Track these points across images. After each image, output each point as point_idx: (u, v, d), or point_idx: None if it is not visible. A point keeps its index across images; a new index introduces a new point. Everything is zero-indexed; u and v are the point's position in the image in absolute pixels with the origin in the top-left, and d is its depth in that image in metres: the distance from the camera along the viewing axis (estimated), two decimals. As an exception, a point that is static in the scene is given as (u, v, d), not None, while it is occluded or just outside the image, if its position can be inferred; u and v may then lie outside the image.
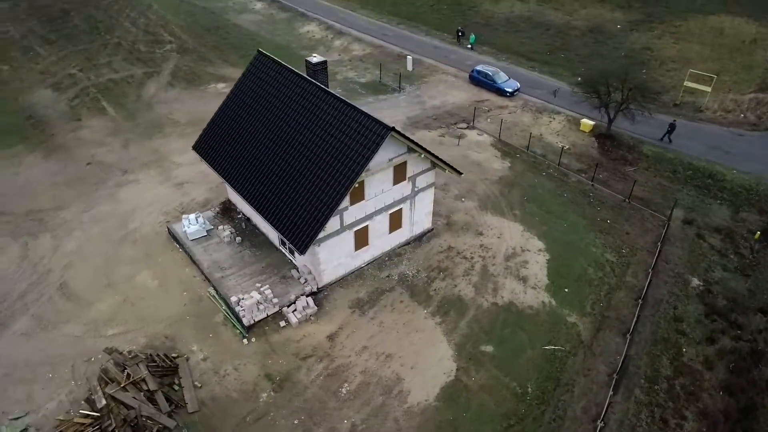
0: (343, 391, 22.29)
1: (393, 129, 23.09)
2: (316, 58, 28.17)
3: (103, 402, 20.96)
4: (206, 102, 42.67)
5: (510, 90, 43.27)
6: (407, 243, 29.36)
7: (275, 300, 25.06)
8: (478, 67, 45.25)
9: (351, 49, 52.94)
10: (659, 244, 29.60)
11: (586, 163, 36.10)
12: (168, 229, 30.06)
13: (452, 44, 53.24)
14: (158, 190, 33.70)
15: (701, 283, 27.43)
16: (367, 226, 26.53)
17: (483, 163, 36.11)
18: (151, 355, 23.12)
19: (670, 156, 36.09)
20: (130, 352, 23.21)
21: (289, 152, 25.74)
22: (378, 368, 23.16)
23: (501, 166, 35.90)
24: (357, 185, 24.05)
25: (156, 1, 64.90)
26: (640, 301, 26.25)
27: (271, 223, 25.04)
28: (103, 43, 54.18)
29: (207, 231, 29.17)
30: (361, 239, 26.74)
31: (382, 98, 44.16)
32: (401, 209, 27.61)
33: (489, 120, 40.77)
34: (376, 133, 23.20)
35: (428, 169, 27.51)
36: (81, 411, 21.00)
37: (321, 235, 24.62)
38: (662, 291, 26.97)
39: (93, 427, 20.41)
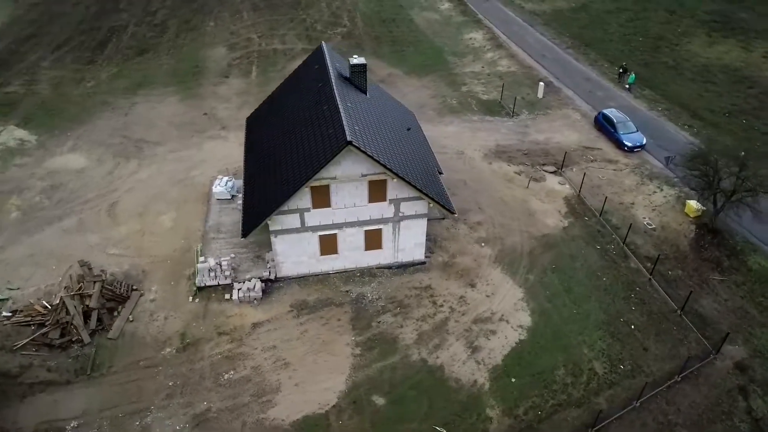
0: (225, 376, 22.88)
1: (350, 143, 22.21)
2: (355, 60, 28.26)
3: (56, 302, 25.18)
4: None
5: (630, 145, 36.69)
6: (389, 267, 27.93)
7: (227, 273, 26.52)
8: (606, 111, 39.19)
9: (498, 63, 50.30)
10: (676, 377, 22.87)
11: (664, 251, 29.11)
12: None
13: (611, 80, 46.74)
14: (233, 149, 37.50)
15: (693, 447, 20.60)
16: (335, 235, 26.08)
17: (537, 214, 31.78)
18: (115, 280, 26.74)
19: (783, 279, 26.99)
20: (103, 271, 27.17)
21: (284, 140, 26.58)
22: (269, 371, 23.10)
23: (555, 223, 31.16)
24: (310, 189, 23.82)
25: (360, -12, 70.19)
26: (590, 430, 20.93)
27: (243, 200, 26.39)
28: (292, 17, 60.93)
29: (231, 195, 31.82)
30: (329, 246, 26.42)
31: (488, 119, 41.44)
32: (381, 230, 26.38)
33: (583, 171, 35.31)
34: (337, 142, 22.59)
35: (417, 198, 25.62)
36: (43, 302, 25.55)
37: (278, 227, 25.21)
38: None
39: (41, 317, 24.75)
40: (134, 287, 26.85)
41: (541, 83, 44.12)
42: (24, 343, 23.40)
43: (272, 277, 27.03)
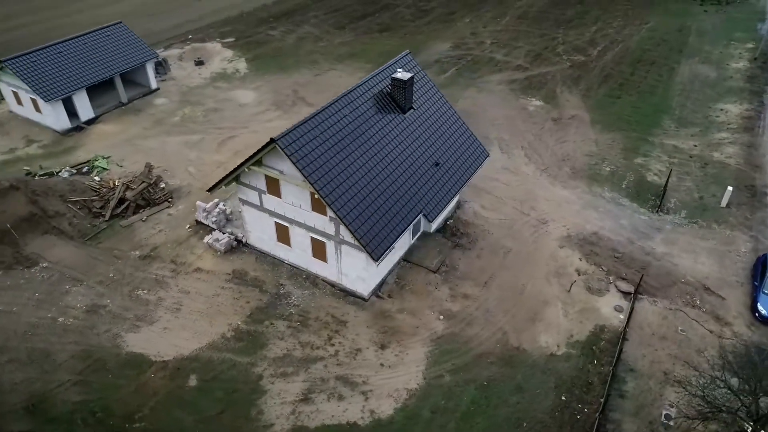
0: (139, 292, 26.53)
1: (272, 140, 22.16)
2: (397, 74, 26.94)
3: (116, 184, 32.67)
4: (495, 101, 42.68)
5: (765, 312, 24.61)
6: (333, 285, 26.68)
7: (213, 218, 29.65)
8: (774, 255, 26.70)
9: (720, 148, 38.05)
10: None
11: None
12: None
13: None
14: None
15: None
16: (287, 229, 26.31)
17: (540, 324, 24.99)
18: (163, 188, 32.85)
19: None
20: (159, 178, 33.51)
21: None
22: (163, 307, 25.72)
23: (548, 345, 24.04)
24: (264, 174, 24.63)
25: (663, 18, 60.62)
26: None
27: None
28: (547, 33, 57.22)
29: (294, 164, 34.36)
30: (282, 235, 26.85)
31: (621, 203, 32.78)
32: (324, 244, 25.39)
33: (665, 312, 25.61)
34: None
35: (354, 228, 23.66)
36: (116, 181, 33.32)
37: (244, 197, 27.00)
38: None
39: (105, 190, 32.57)
40: (170, 199, 32.49)
41: (729, 188, 32.17)
42: (75, 200, 31.45)
43: (243, 240, 29.04)
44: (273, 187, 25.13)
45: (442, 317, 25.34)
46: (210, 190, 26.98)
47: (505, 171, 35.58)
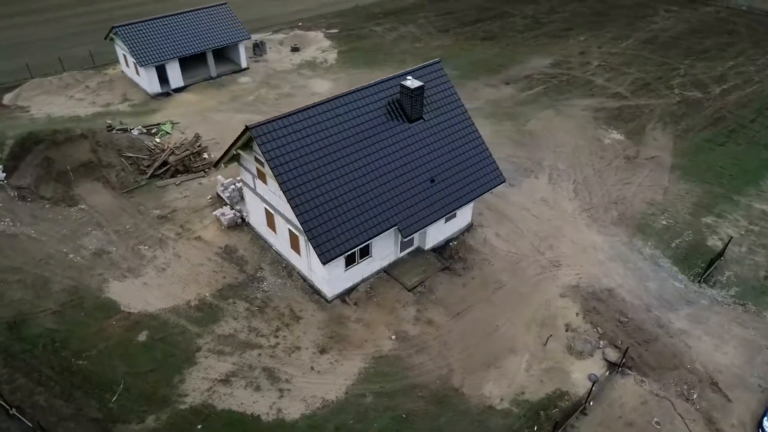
0: (141, 247, 28.98)
1: (248, 129, 22.81)
2: (407, 81, 26.12)
3: (168, 147, 35.87)
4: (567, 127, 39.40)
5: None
6: (304, 280, 26.84)
7: (227, 194, 31.27)
8: (812, 366, 21.20)
9: (824, 225, 31.18)
10: None
11: None
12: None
13: None
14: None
15: None
16: (273, 216, 26.95)
17: (495, 372, 22.73)
18: (205, 158, 35.39)
19: None
20: (204, 149, 36.08)
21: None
22: (154, 266, 27.79)
23: (492, 396, 21.79)
24: (254, 159, 25.51)
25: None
26: None
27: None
28: (667, 63, 51.21)
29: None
30: (270, 221, 27.55)
31: (658, 262, 28.40)
32: (298, 238, 25.61)
33: (646, 396, 21.87)
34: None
35: (317, 226, 23.56)
36: (170, 145, 36.61)
37: (243, 178, 28.20)
38: None
39: (159, 150, 35.97)
40: (207, 169, 34.91)
41: (799, 273, 26.30)
42: (128, 156, 35.12)
43: (247, 219, 30.29)
44: (261, 173, 25.87)
45: (394, 337, 24.25)
46: (215, 165, 28.52)
47: (542, 203, 32.67)
